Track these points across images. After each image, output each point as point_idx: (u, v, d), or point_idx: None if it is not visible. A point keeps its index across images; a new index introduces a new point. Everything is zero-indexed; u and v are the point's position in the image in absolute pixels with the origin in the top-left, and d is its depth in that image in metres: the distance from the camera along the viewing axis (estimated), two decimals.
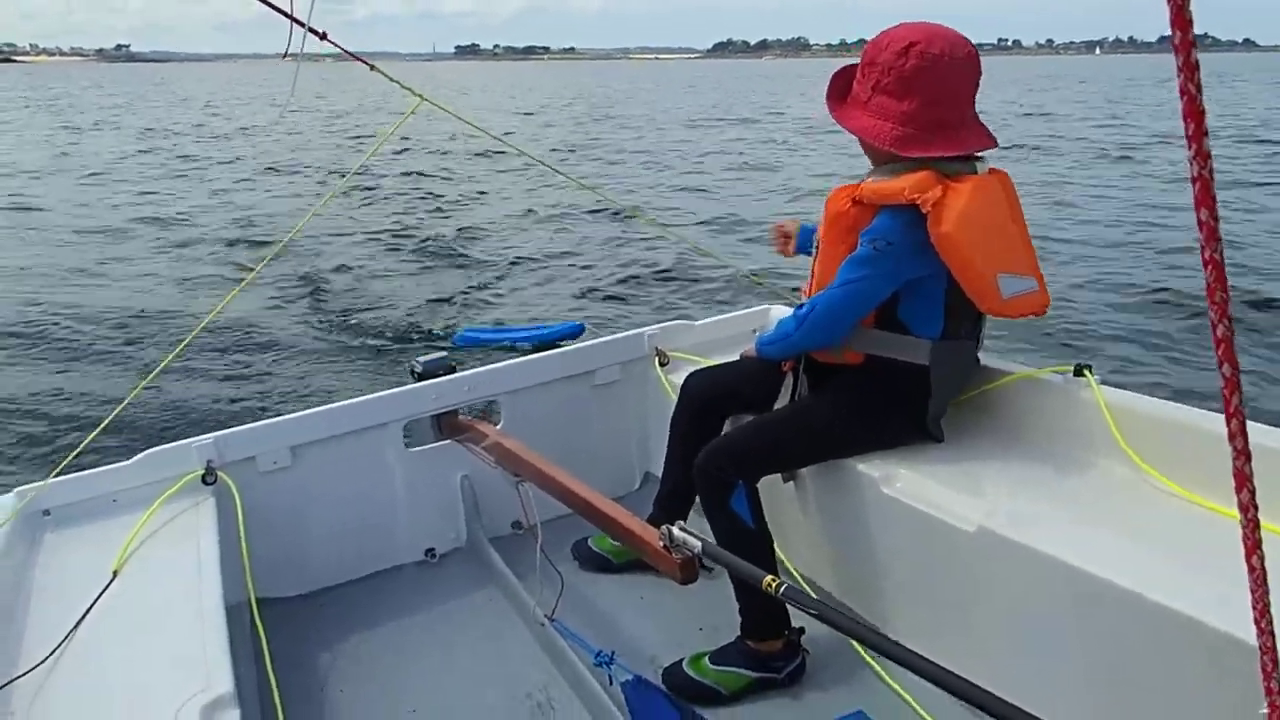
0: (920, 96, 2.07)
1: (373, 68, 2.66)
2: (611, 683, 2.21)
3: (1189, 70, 0.44)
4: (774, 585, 1.63)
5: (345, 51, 2.54)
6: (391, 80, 2.65)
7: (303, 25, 2.00)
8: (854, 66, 2.23)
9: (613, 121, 31.72)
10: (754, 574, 1.70)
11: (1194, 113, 0.45)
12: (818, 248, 2.29)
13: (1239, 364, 0.48)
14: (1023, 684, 1.97)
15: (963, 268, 2.07)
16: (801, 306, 2.26)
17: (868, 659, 2.25)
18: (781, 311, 3.20)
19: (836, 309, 2.17)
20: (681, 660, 2.31)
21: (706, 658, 2.29)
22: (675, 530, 1.88)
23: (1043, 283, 2.22)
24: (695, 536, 1.86)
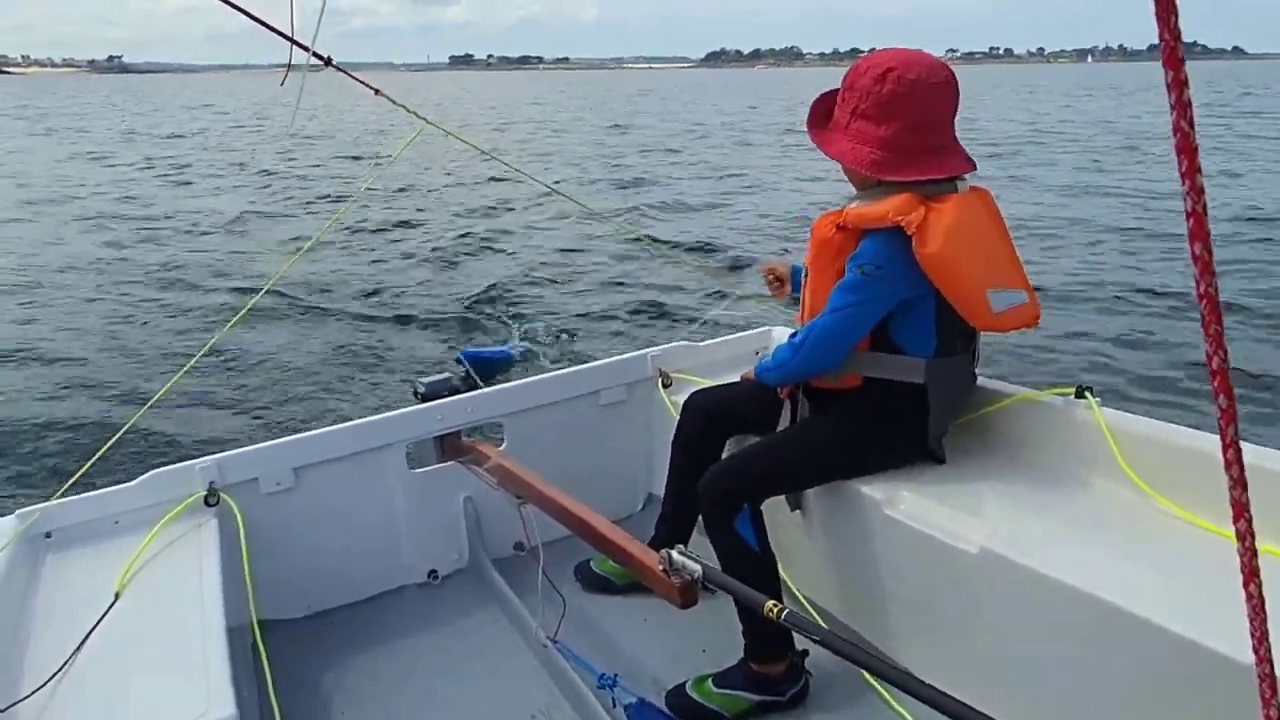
0: (899, 121, 2.09)
1: (377, 92, 2.68)
2: (614, 705, 2.20)
3: (1182, 108, 0.44)
4: (775, 610, 1.62)
5: (351, 76, 2.55)
6: (396, 104, 2.67)
7: (307, 50, 2.01)
8: (835, 92, 2.25)
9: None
10: (755, 599, 1.69)
11: (1187, 149, 0.45)
12: (806, 274, 2.30)
13: (1234, 394, 0.49)
14: (1025, 706, 1.97)
15: (951, 286, 2.08)
16: (796, 334, 2.27)
17: (872, 682, 2.25)
18: (783, 332, 3.21)
19: (830, 336, 2.19)
20: (685, 682, 2.30)
21: (710, 680, 2.28)
22: (675, 554, 1.88)
23: (1032, 294, 2.24)
24: (695, 560, 1.85)
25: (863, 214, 2.13)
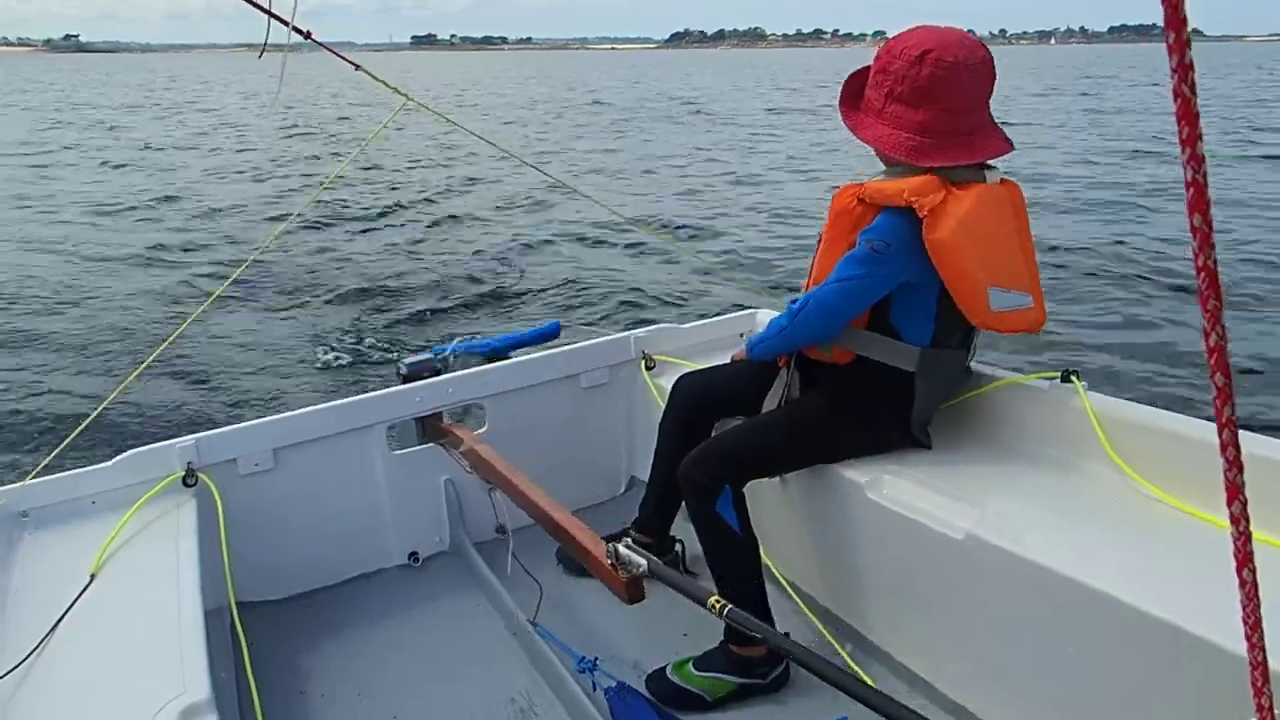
0: (936, 105, 2.05)
1: (358, 67, 2.64)
2: (595, 689, 2.19)
3: (1183, 71, 0.42)
4: (718, 606, 1.62)
5: (331, 50, 2.52)
6: (377, 80, 2.63)
7: (287, 24, 1.97)
8: (866, 70, 2.20)
9: None
10: (699, 593, 1.69)
11: (1188, 116, 0.43)
12: (819, 242, 2.28)
13: (1231, 374, 0.47)
14: (1009, 691, 1.97)
15: (954, 276, 2.05)
16: (795, 302, 2.25)
17: (852, 665, 2.24)
18: (768, 315, 3.19)
19: (830, 305, 2.15)
20: (665, 666, 2.30)
21: (691, 663, 2.28)
22: (622, 548, 1.85)
23: (1040, 300, 2.20)
24: (641, 554, 1.84)
25: (881, 189, 2.10)
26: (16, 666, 1.69)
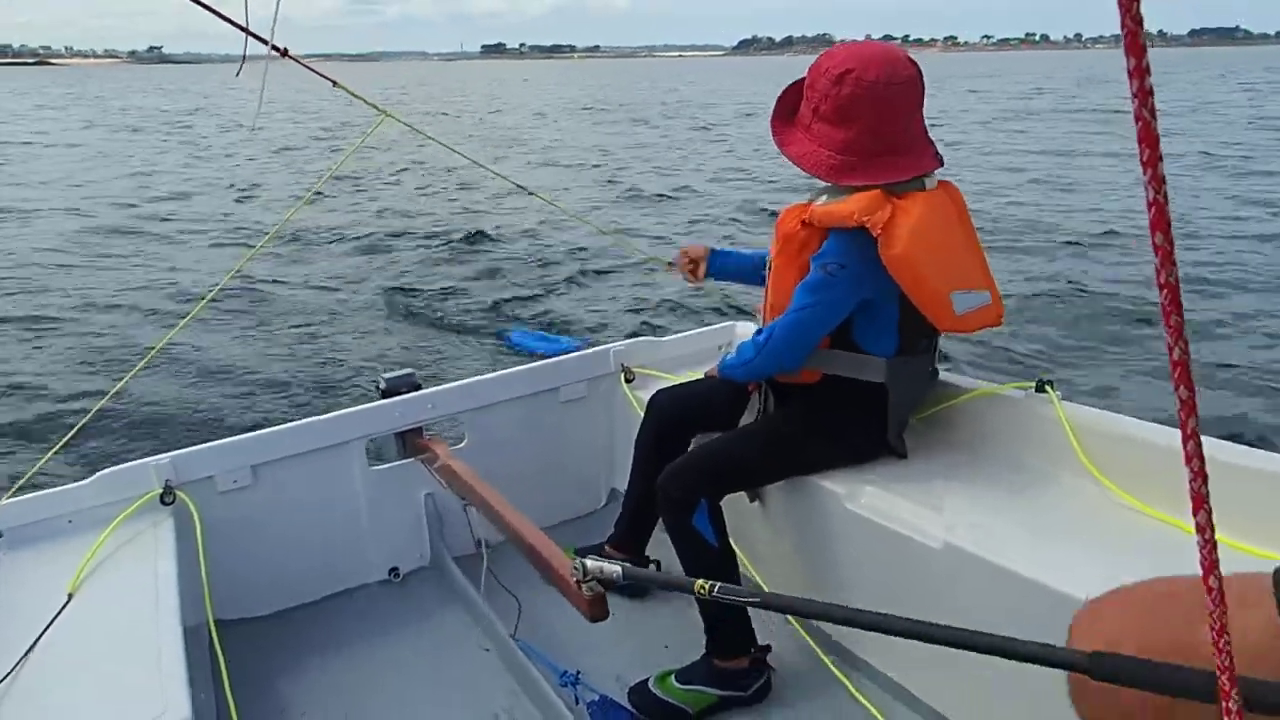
0: (858, 124, 2.06)
1: (335, 84, 2.65)
2: (577, 703, 2.20)
3: (1143, 96, 0.44)
4: (706, 588, 1.59)
5: (307, 67, 2.52)
6: (355, 96, 2.63)
7: (264, 42, 1.97)
8: (803, 83, 2.21)
9: None
10: (682, 583, 1.64)
11: (1149, 138, 0.45)
12: (770, 268, 2.29)
13: (1195, 387, 0.49)
14: (990, 700, 1.98)
15: (916, 288, 2.07)
16: (760, 333, 2.26)
17: (836, 673, 2.26)
18: (746, 328, 3.21)
19: (793, 335, 2.17)
20: (648, 679, 2.30)
21: (673, 676, 2.28)
22: (590, 562, 1.79)
23: (996, 294, 2.23)
24: (614, 562, 1.75)
25: (828, 211, 2.10)
26: None
